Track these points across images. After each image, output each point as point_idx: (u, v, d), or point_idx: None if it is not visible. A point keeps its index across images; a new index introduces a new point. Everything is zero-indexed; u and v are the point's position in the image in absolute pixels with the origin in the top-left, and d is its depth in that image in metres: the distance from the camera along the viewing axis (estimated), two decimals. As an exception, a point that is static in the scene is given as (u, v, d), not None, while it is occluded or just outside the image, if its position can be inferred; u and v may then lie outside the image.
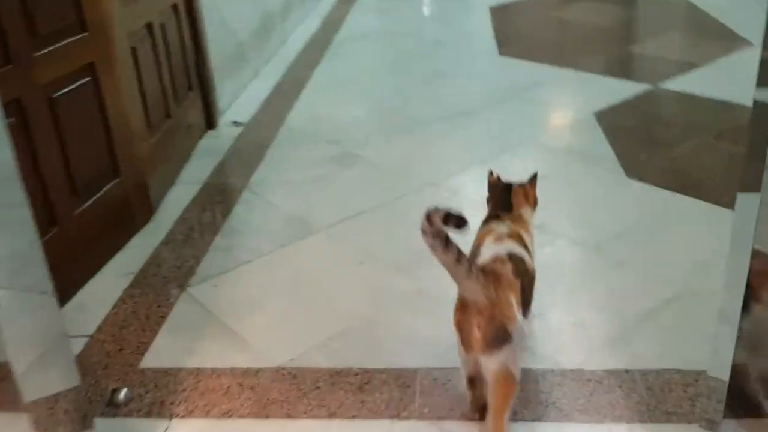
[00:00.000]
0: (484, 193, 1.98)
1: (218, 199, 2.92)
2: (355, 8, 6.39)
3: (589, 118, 3.50)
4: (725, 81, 3.92)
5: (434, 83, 4.26)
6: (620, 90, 3.87)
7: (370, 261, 2.40)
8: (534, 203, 1.94)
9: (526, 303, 1.70)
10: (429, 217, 1.39)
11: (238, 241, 2.57)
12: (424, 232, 1.41)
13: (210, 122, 3.63)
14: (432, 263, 1.48)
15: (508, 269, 1.62)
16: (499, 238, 1.73)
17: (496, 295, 1.50)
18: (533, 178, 1.95)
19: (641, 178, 2.84)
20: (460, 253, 1.44)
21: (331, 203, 2.82)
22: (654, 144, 3.17)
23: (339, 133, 3.55)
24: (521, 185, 1.92)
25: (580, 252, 2.40)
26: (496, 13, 5.85)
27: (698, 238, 2.41)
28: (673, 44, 4.86)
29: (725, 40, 4.73)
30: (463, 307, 1.53)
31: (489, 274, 1.57)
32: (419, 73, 4.46)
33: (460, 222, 1.39)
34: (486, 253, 1.67)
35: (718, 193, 2.66)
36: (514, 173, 1.98)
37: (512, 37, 5.16)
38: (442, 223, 1.39)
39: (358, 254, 2.44)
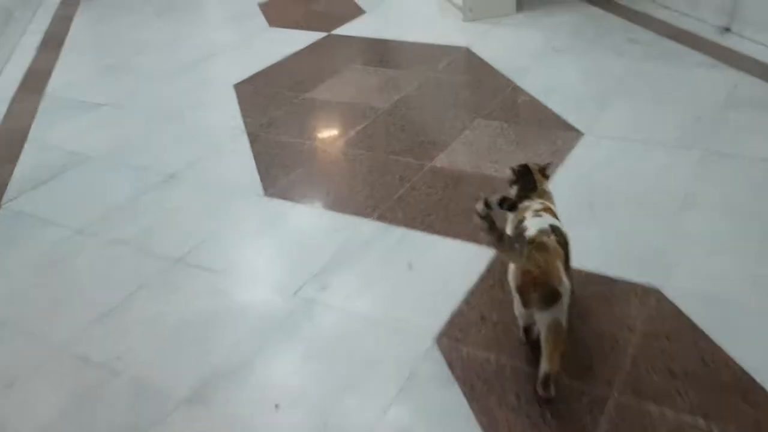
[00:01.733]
0: None
1: None
2: (44, 105, 4.49)
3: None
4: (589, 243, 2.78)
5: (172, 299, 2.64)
6: (457, 263, 2.57)
7: None
8: (547, 178, 2.28)
9: (567, 266, 1.98)
10: (486, 202, 1.84)
11: None
12: (479, 214, 1.84)
13: None
14: None
15: (552, 240, 1.94)
16: (536, 214, 2.05)
17: (545, 263, 1.84)
18: (547, 165, 2.32)
19: None
20: (502, 235, 1.88)
21: None
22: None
23: None
24: (537, 165, 2.25)
25: None
26: (243, 98, 4.29)
27: None
28: (495, 146, 3.43)
29: (553, 129, 3.52)
30: (522, 274, 1.88)
31: (539, 245, 1.90)
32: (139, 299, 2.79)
33: (511, 205, 1.97)
34: (532, 228, 1.97)
35: None
36: None
37: (275, 152, 3.57)
38: (498, 206, 1.86)
39: None
